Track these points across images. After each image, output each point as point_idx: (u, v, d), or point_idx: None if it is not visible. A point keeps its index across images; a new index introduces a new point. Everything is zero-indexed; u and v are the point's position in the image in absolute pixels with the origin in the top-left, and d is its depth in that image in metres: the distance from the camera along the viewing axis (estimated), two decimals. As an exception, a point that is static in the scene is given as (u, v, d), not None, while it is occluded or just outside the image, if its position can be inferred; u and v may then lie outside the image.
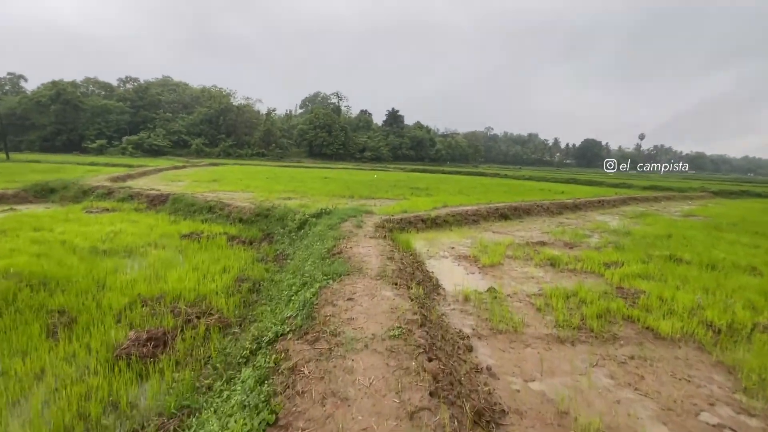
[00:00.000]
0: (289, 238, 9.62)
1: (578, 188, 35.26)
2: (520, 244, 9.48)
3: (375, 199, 18.34)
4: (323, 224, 8.98)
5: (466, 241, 9.90)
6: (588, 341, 4.32)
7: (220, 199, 14.05)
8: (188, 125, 79.39)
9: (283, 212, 11.26)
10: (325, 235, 7.76)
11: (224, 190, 19.64)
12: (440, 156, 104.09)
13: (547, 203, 16.75)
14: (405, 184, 28.09)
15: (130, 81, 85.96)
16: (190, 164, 48.04)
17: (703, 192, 37.91)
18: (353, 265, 5.54)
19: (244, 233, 10.58)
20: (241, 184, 22.54)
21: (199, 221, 11.98)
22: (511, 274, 7.02)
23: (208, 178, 26.31)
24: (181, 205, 13.50)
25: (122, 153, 66.53)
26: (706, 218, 16.85)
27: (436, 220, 11.52)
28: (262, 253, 8.89)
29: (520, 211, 14.63)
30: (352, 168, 58.71)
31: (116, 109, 72.86)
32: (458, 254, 8.40)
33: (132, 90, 79.47)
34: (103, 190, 15.65)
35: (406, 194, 20.73)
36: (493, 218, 13.38)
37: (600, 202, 20.34)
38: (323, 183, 25.46)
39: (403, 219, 10.88)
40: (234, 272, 7.19)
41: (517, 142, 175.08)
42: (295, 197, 17.69)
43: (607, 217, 16.55)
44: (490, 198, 20.52)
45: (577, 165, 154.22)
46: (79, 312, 5.23)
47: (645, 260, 7.89)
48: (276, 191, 19.74)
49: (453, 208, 13.41)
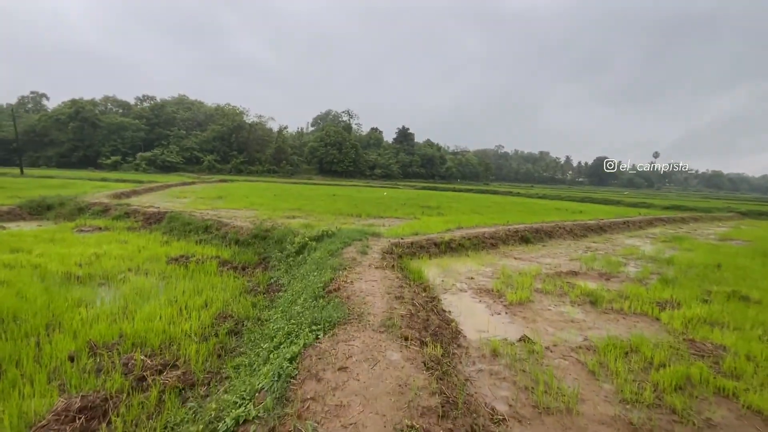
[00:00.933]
0: (287, 263, 8.57)
1: (596, 207, 33.75)
2: (548, 275, 8.26)
3: (384, 218, 17.32)
4: (324, 249, 7.92)
5: (486, 269, 8.72)
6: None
7: (220, 218, 13.17)
8: (201, 142, 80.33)
9: (282, 234, 10.26)
10: (324, 264, 6.68)
11: (228, 207, 18.87)
12: (451, 174, 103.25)
13: (569, 224, 15.47)
14: (415, 202, 27.04)
15: (147, 99, 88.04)
16: (200, 180, 47.96)
17: (731, 212, 36.03)
18: (352, 308, 4.43)
19: (238, 257, 9.57)
20: (246, 201, 21.79)
21: (193, 242, 11.06)
22: (544, 315, 5.82)
23: (214, 194, 25.71)
24: (177, 224, 12.64)
25: (136, 169, 67.28)
26: (748, 242, 15.33)
27: (450, 244, 10.37)
28: (254, 282, 7.84)
29: (541, 233, 13.39)
30: (361, 185, 58.03)
31: (132, 127, 74.16)
32: (478, 287, 7.22)
33: (148, 108, 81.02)
34: (100, 208, 14.94)
35: (417, 213, 19.68)
36: (513, 242, 12.17)
37: (625, 223, 18.95)
38: (331, 201, 24.57)
39: (414, 243, 9.77)
40: (216, 307, 6.15)
41: (528, 160, 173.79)
42: (300, 216, 16.77)
43: (636, 240, 15.17)
44: (506, 218, 19.33)
45: (590, 183, 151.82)
46: (12, 363, 4.22)
47: (705, 299, 6.60)
48: (281, 209, 18.88)
49: (468, 230, 12.26)
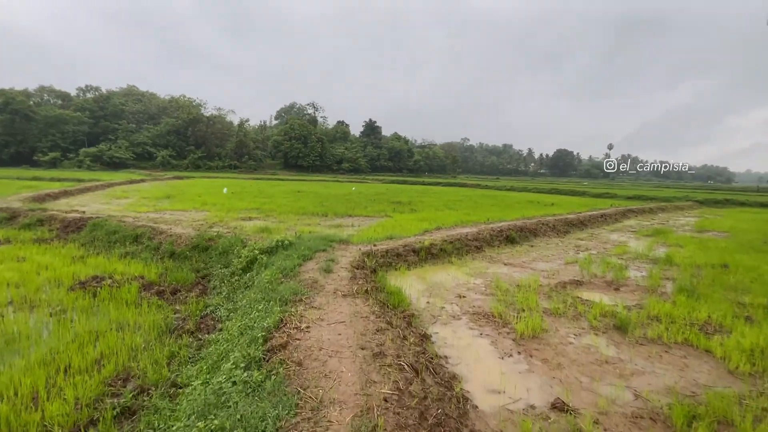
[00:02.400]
0: (230, 284, 6.75)
1: (566, 199, 33.64)
2: (550, 287, 6.96)
3: (353, 218, 15.67)
4: (277, 267, 6.18)
5: (477, 281, 7.30)
6: None
7: (156, 224, 11.01)
8: (154, 136, 74.75)
9: (229, 244, 8.37)
10: (273, 293, 4.96)
11: (174, 209, 16.52)
12: (419, 167, 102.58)
13: (551, 220, 14.48)
14: (385, 197, 25.51)
15: (91, 90, 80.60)
16: (151, 177, 44.06)
17: (689, 201, 37.16)
18: (305, 392, 2.74)
19: (169, 277, 7.60)
20: (197, 201, 19.40)
21: (116, 256, 8.93)
22: (568, 353, 4.43)
23: (162, 193, 22.98)
24: (101, 233, 10.39)
25: (79, 166, 61.42)
26: (727, 234, 14.98)
27: (431, 250, 8.90)
28: (185, 314, 5.98)
29: (526, 231, 12.23)
30: (328, 180, 55.77)
31: (73, 120, 67.61)
32: (474, 310, 5.77)
33: (92, 99, 74.09)
34: (6, 214, 12.28)
35: (388, 210, 18.16)
36: (498, 243, 10.90)
37: (602, 216, 18.34)
38: (294, 198, 22.56)
39: (389, 250, 8.20)
40: (115, 364, 4.31)
41: (493, 152, 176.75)
42: (258, 217, 14.80)
43: (619, 235, 14.41)
44: (481, 213, 18.21)
45: (551, 174, 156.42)
46: None
47: (746, 315, 5.50)
48: (236, 209, 16.77)
49: (448, 231, 10.86)
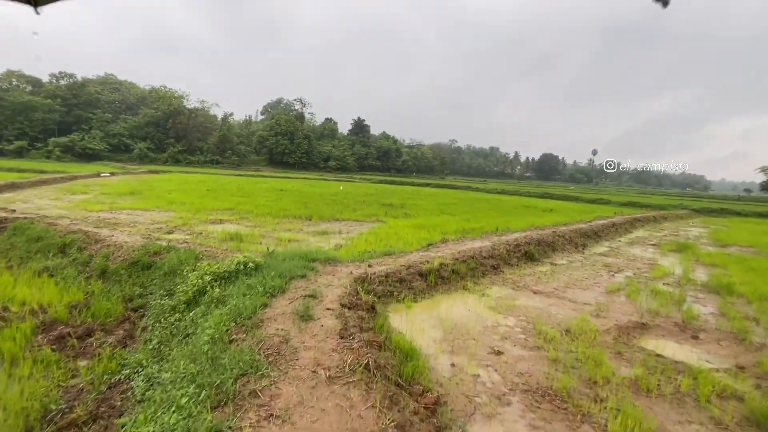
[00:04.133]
0: (165, 328, 4.74)
1: (561, 204, 32.31)
2: (611, 333, 5.16)
3: (341, 222, 13.72)
4: (231, 309, 4.20)
5: (509, 322, 5.45)
6: None
7: (97, 229, 8.84)
8: (132, 128, 71.04)
9: (178, 261, 6.30)
10: (207, 377, 2.96)
11: (133, 208, 14.27)
12: (407, 167, 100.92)
13: (565, 231, 12.82)
14: (375, 199, 23.56)
15: (65, 77, 75.79)
16: (124, 171, 41.16)
17: (685, 210, 36.38)
18: None
19: (89, 309, 5.50)
20: (165, 199, 17.07)
21: (28, 275, 6.76)
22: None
23: (127, 189, 20.50)
24: (22, 240, 8.18)
25: (47, 157, 57.47)
26: (755, 250, 13.60)
27: (441, 272, 7.02)
28: (85, 379, 3.95)
29: (544, 245, 10.49)
30: (314, 178, 53.44)
31: (43, 107, 63.42)
32: (523, 381, 3.90)
33: (65, 86, 69.76)
34: None
35: (380, 214, 16.23)
36: (516, 259, 9.10)
37: (613, 225, 16.84)
38: (276, 197, 20.41)
39: (389, 274, 6.28)
40: None
41: (480, 154, 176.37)
42: (231, 220, 12.72)
43: (640, 249, 12.84)
44: (480, 219, 16.48)
45: (537, 178, 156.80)
46: None
47: None
48: (208, 210, 14.60)
49: (457, 245, 9.02)
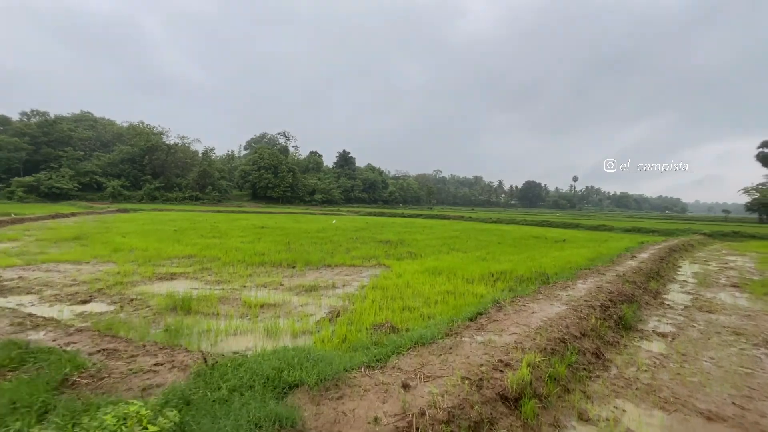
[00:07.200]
0: None
1: (570, 233, 29.79)
2: None
3: (333, 269, 10.84)
4: None
5: None
6: None
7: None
8: (105, 165, 67.57)
9: (33, 385, 3.34)
10: None
11: (65, 259, 11.07)
12: (393, 198, 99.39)
13: (622, 271, 10.28)
14: (369, 234, 20.74)
15: (37, 115, 72.26)
16: (89, 211, 37.47)
17: (697, 235, 34.52)
18: None
19: None
20: (113, 244, 13.87)
21: None
22: None
23: (73, 234, 17.17)
24: None
25: (9, 198, 53.32)
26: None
27: (536, 387, 4.13)
28: None
29: (625, 301, 7.78)
30: (299, 212, 50.52)
31: (8, 146, 59.63)
32: None
33: (35, 124, 66.29)
34: None
35: (379, 255, 13.39)
36: (611, 332, 6.28)
37: (661, 260, 14.34)
38: (254, 237, 17.41)
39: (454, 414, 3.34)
40: None
41: (464, 184, 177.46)
42: (187, 273, 9.71)
43: (729, 296, 10.31)
44: (498, 256, 13.80)
45: (521, 205, 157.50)
46: None
47: None
48: (162, 258, 11.55)
49: (519, 315, 6.23)
